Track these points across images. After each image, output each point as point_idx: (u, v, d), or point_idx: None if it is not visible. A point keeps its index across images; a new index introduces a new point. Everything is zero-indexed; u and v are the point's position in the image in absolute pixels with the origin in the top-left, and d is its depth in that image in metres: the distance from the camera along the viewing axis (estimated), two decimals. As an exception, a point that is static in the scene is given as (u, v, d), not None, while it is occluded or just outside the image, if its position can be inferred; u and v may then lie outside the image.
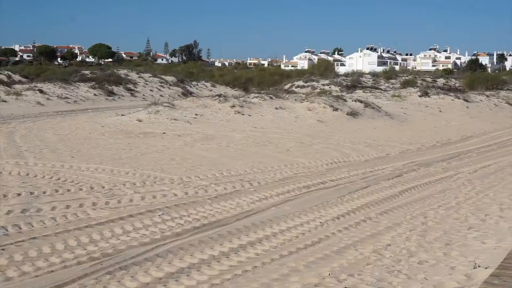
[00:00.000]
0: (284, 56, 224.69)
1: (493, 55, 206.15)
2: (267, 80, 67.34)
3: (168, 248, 10.18)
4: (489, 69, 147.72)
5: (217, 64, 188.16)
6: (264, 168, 18.50)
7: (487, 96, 53.11)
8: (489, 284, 7.82)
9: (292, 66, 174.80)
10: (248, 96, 37.96)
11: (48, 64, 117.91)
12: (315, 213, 13.13)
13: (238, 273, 9.09)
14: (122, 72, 60.06)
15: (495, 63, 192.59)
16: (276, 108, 34.75)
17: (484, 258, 9.80)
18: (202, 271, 9.16)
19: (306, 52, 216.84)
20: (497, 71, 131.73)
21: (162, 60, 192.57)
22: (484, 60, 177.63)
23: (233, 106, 33.86)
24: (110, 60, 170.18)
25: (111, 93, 50.65)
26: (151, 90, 55.77)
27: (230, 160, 20.01)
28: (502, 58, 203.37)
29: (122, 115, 31.91)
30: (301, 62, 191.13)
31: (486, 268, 9.01)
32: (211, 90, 61.81)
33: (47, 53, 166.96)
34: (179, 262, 9.52)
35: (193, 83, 65.20)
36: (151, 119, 29.95)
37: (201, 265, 9.45)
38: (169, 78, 61.80)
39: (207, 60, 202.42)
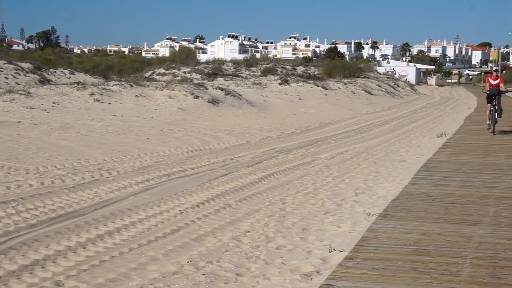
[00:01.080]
0: (145, 43, 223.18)
1: (351, 43, 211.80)
2: (128, 68, 66.57)
3: (22, 240, 9.85)
4: (347, 57, 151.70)
5: (76, 51, 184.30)
6: (124, 157, 18.27)
7: (345, 83, 54.64)
8: (343, 267, 8.02)
9: (153, 53, 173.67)
10: (107, 83, 37.36)
11: None
12: (175, 201, 13.07)
13: (95, 263, 8.92)
14: (-25, 58, 57.69)
15: (353, 52, 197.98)
16: (137, 96, 34.41)
17: (340, 241, 10.05)
18: (58, 263, 8.92)
19: (167, 39, 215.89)
20: (354, 59, 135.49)
21: (18, 46, 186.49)
22: (342, 48, 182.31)
23: (92, 94, 33.25)
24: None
25: (-37, 81, 48.52)
26: (6, 78, 53.73)
27: (88, 149, 19.63)
28: (359, 46, 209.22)
29: (-25, 103, 30.68)
30: (163, 49, 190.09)
31: (341, 251, 9.24)
32: (69, 77, 60.19)
33: None
34: (33, 254, 9.23)
35: (51, 70, 63.40)
36: (5, 107, 28.95)
37: (57, 256, 9.21)
38: (25, 65, 59.75)
39: (66, 46, 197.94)
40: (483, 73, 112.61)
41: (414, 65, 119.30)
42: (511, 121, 31.08)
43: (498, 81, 25.69)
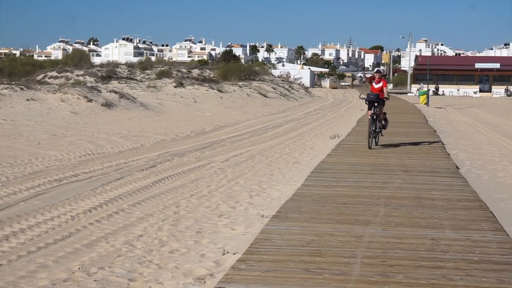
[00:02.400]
0: (37, 46, 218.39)
1: (246, 46, 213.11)
2: (19, 71, 64.69)
3: None
4: (242, 60, 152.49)
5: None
6: (14, 162, 17.78)
7: (240, 86, 54.89)
8: (236, 269, 8.02)
9: (45, 56, 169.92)
10: (-3, 87, 36.28)
11: None
12: (66, 206, 12.80)
13: (-18, 272, 8.64)
14: None
15: (248, 54, 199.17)
16: (28, 100, 33.58)
17: (233, 244, 10.06)
18: None
19: (60, 42, 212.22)
20: (250, 62, 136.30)
21: None
22: (238, 51, 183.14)
23: (-20, 98, 32.26)
24: None
25: None
26: None
27: (-24, 154, 19.02)
28: (254, 49, 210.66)
29: None
30: (55, 52, 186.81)
31: (234, 254, 9.25)
32: (-42, 81, 58.46)
33: None
34: None
35: None
36: None
37: None
38: None
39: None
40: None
41: (309, 68, 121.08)
42: (399, 123, 31.87)
43: (381, 84, 21.50)
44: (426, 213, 11.48)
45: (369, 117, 21.38)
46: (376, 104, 21.33)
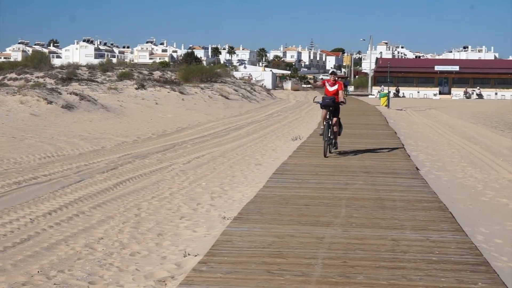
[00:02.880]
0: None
1: (208, 48, 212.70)
2: (-23, 73, 63.98)
3: None
4: (204, 62, 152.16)
5: None
6: (-28, 165, 17.56)
7: (202, 88, 54.83)
8: (197, 271, 8.01)
9: (4, 58, 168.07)
10: (-45, 89, 35.81)
11: None
12: (26, 209, 12.66)
13: None
14: None
15: (210, 56, 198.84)
16: (-13, 102, 33.18)
17: (195, 246, 10.03)
18: None
19: (19, 43, 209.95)
20: (212, 64, 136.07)
21: None
22: (199, 53, 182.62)
23: None
24: None
25: None
26: None
27: None
28: (216, 51, 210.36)
29: None
30: (15, 53, 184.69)
31: (195, 256, 9.23)
32: None
33: None
34: None
35: None
36: None
37: None
38: None
39: None
40: (338, 78, 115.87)
41: (271, 70, 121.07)
42: (360, 125, 32.02)
43: (336, 87, 19.80)
44: (386, 214, 11.56)
45: (325, 122, 19.69)
46: (331, 108, 19.63)
